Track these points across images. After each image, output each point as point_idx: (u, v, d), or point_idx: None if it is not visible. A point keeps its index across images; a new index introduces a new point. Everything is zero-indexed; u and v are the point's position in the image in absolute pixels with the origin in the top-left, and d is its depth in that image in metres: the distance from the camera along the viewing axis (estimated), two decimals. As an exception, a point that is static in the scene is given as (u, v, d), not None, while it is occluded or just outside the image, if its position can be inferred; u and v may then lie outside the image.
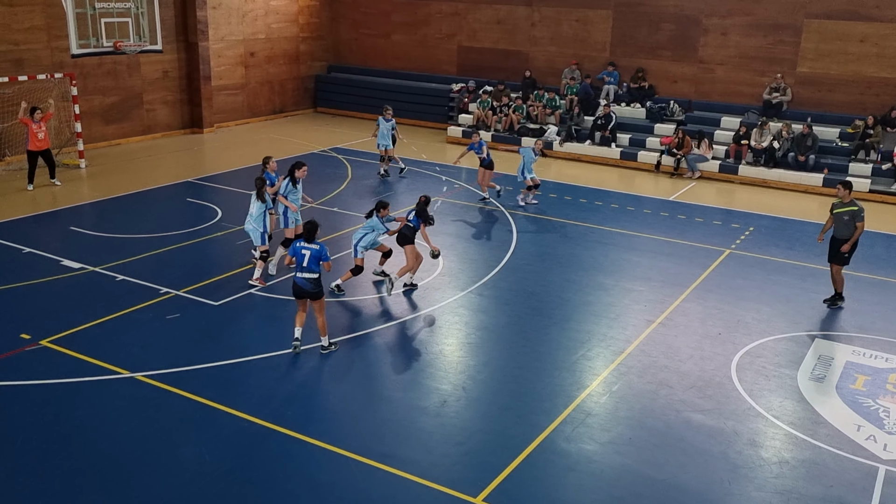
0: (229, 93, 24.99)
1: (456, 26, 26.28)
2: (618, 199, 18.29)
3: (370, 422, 8.79)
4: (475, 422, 8.89)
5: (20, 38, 19.14)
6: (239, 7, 24.81)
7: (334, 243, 14.36)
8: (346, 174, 19.57)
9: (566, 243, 14.92)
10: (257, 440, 8.32)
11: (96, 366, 9.66)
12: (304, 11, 27.27)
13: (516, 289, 12.73)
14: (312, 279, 9.99)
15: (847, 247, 12.00)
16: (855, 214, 11.95)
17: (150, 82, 22.58)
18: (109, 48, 17.30)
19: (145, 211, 16.07)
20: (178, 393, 9.13)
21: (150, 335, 10.58)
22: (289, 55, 27.03)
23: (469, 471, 7.95)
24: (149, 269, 12.74)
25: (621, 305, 12.15)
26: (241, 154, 21.19)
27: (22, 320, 10.81)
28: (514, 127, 23.32)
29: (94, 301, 11.53)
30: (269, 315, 11.37)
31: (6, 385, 9.17)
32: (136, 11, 17.75)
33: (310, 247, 9.99)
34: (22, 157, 18.94)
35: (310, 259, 9.94)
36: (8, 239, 13.91)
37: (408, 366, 10.12)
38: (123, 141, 22.03)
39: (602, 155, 21.92)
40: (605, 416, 9.08)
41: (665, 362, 10.35)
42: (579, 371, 10.09)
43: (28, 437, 8.23)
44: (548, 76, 24.65)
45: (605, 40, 23.86)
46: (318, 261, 9.98)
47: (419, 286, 12.56)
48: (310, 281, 9.98)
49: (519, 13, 25.02)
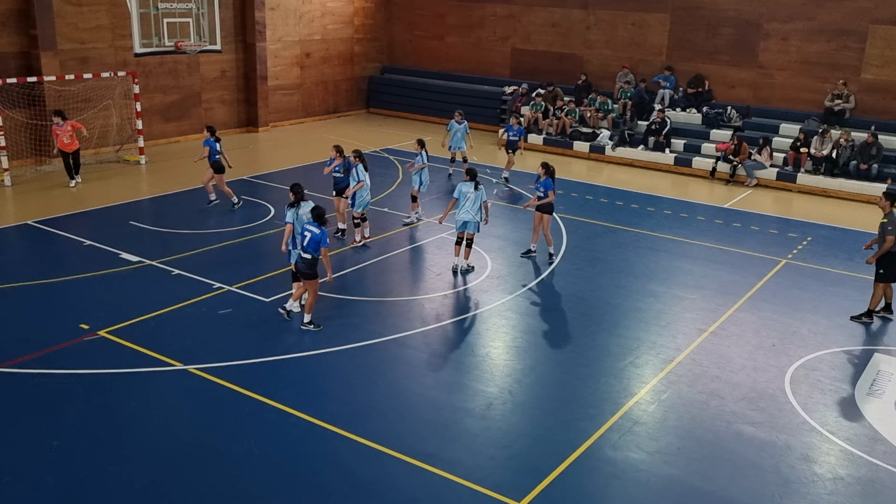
0: (284, 93, 25.37)
1: (510, 29, 26.24)
2: (670, 205, 18.03)
3: (415, 421, 8.82)
4: (520, 425, 8.85)
5: (86, 37, 19.72)
6: (296, 8, 25.17)
7: (385, 243, 14.48)
8: (396, 175, 19.68)
9: (616, 249, 14.75)
10: (304, 436, 8.42)
11: (151, 357, 9.90)
12: (359, 13, 27.53)
13: (565, 293, 12.64)
14: (308, 260, 10.36)
15: (871, 259, 11.70)
16: (885, 226, 11.60)
17: (209, 81, 23.05)
18: (171, 48, 17.73)
19: (201, 207, 16.40)
20: (228, 386, 9.30)
21: (202, 329, 10.80)
22: (343, 56, 27.32)
23: (513, 474, 7.92)
24: (203, 265, 13.00)
25: (672, 313, 11.97)
26: (294, 153, 21.50)
27: (82, 311, 11.13)
28: (567, 130, 23.17)
29: (150, 294, 11.81)
30: (318, 313, 11.48)
31: (66, 373, 9.45)
32: (197, 12, 18.15)
33: (313, 230, 10.25)
34: (86, 153, 19.63)
35: (310, 241, 10.26)
36: (70, 232, 14.34)
37: (454, 367, 10.12)
38: (182, 138, 22.53)
39: (655, 160, 21.64)
40: (653, 424, 8.95)
41: (716, 372, 10.16)
42: (627, 378, 9.97)
43: (85, 423, 8.47)
44: (602, 80, 24.43)
45: (661, 44, 23.55)
46: (317, 245, 10.25)
47: (469, 288, 12.58)
48: (305, 261, 10.36)
49: (574, 16, 24.86)
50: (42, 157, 18.78)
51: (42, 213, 15.36)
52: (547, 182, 13.48)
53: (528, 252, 14.09)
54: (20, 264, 13.37)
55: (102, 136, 20.06)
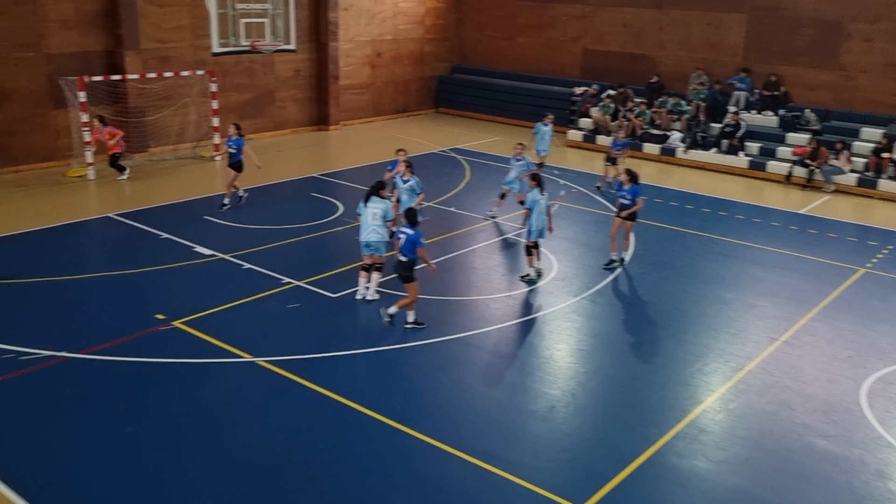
0: (355, 92, 25.72)
1: (581, 29, 26.01)
2: (743, 210, 17.59)
3: (477, 421, 8.85)
4: (583, 429, 8.79)
5: (167, 37, 20.39)
6: (369, 9, 25.50)
7: (449, 243, 14.54)
8: (463, 174, 19.74)
9: (686, 254, 14.48)
10: (368, 431, 8.54)
11: (222, 349, 10.19)
12: (430, 13, 27.71)
13: (631, 297, 12.48)
14: (404, 263, 10.48)
15: None
16: None
17: (283, 80, 23.55)
18: (247, 47, 18.20)
19: (272, 203, 16.78)
20: (295, 380, 9.49)
21: (271, 322, 11.05)
22: (414, 56, 27.54)
23: (575, 478, 7.87)
24: (273, 260, 13.30)
25: (742, 321, 11.69)
26: (364, 152, 21.79)
27: (158, 301, 11.53)
28: (637, 132, 22.84)
29: (222, 287, 12.15)
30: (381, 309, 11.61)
31: (142, 361, 9.81)
32: (273, 12, 18.58)
33: (407, 231, 10.47)
34: (165, 149, 20.36)
35: (405, 242, 10.43)
36: (148, 225, 14.86)
37: (517, 368, 10.11)
38: (255, 136, 23.05)
39: (728, 164, 21.14)
40: (720, 433, 8.76)
41: (788, 383, 9.88)
42: (694, 385, 9.78)
43: (160, 410, 8.77)
44: (674, 81, 23.99)
45: (737, 45, 22.98)
46: (413, 245, 10.42)
47: (534, 289, 12.54)
48: (402, 264, 10.49)
49: (647, 16, 24.48)
50: (124, 153, 19.47)
51: (122, 207, 15.96)
52: (636, 189, 13.20)
53: (611, 263, 13.54)
54: (101, 255, 13.93)
55: (180, 132, 20.71)
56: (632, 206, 13.22)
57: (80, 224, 15.05)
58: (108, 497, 7.34)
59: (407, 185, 13.32)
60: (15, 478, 7.48)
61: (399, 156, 13.85)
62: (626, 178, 13.35)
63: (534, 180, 12.65)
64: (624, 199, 13.31)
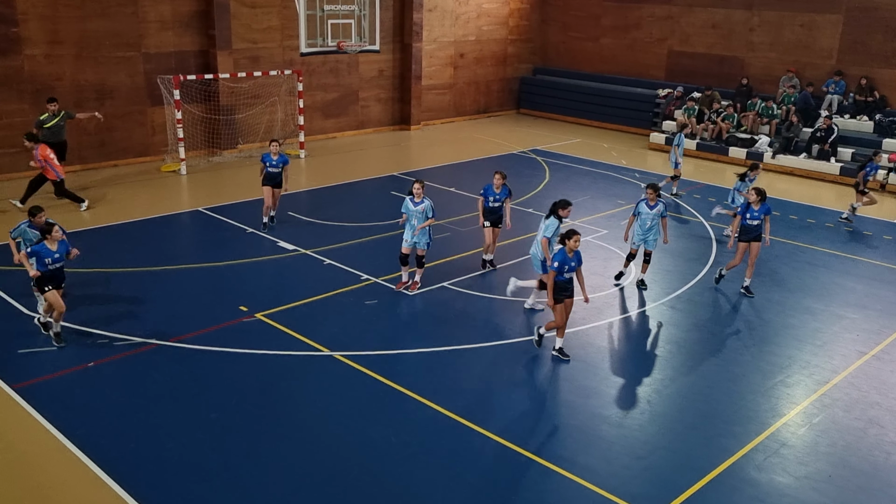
0: (437, 92, 25.94)
1: (668, 30, 25.52)
2: (833, 217, 16.95)
3: (550, 424, 8.83)
4: (658, 437, 8.66)
5: (258, 37, 21.02)
6: (453, 10, 25.67)
7: (525, 244, 14.50)
8: (543, 176, 19.67)
9: (770, 261, 14.06)
10: (441, 428, 8.63)
11: (301, 342, 10.47)
12: (514, 14, 27.68)
13: (712, 304, 12.21)
14: (559, 283, 10.03)
15: None
16: None
17: (367, 80, 23.95)
18: (333, 48, 18.60)
19: (353, 200, 17.11)
20: (371, 375, 9.68)
21: (349, 318, 11.28)
22: (496, 57, 27.57)
23: (649, 486, 7.77)
24: (352, 256, 13.57)
25: (829, 332, 11.28)
26: (444, 151, 21.95)
27: (242, 294, 11.93)
28: (723, 136, 22.27)
29: (303, 281, 12.48)
30: (460, 310, 11.71)
31: (225, 351, 10.18)
32: (360, 14, 18.94)
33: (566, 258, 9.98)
34: (252, 146, 20.98)
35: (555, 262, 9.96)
36: (235, 219, 15.37)
37: (592, 372, 10.03)
38: (339, 134, 23.55)
39: (818, 170, 20.40)
40: (802, 448, 8.50)
41: (877, 398, 9.50)
42: (776, 398, 9.51)
43: (240, 400, 9.09)
44: (763, 83, 23.28)
45: (832, 47, 22.14)
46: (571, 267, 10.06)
47: (614, 293, 12.41)
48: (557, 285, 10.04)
49: (737, 17, 23.84)
50: (214, 149, 20.22)
51: (212, 201, 16.56)
52: (766, 207, 12.28)
53: (747, 290, 12.55)
54: (190, 247, 14.49)
55: (267, 130, 21.32)
56: (761, 227, 12.25)
57: (172, 217, 15.69)
58: (193, 479, 7.65)
59: (419, 209, 11.93)
60: (106, 457, 7.89)
61: (497, 178, 12.70)
62: (758, 198, 12.21)
63: (651, 189, 12.41)
64: (754, 220, 12.22)
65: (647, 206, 12.43)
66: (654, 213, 12.38)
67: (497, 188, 12.70)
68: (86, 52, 18.15)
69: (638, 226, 12.51)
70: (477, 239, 14.30)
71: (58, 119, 16.23)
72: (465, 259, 13.61)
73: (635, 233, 12.59)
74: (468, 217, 15.74)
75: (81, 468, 7.74)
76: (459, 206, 16.60)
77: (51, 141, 15.82)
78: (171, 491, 7.45)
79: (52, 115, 16.17)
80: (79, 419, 8.53)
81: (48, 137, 15.90)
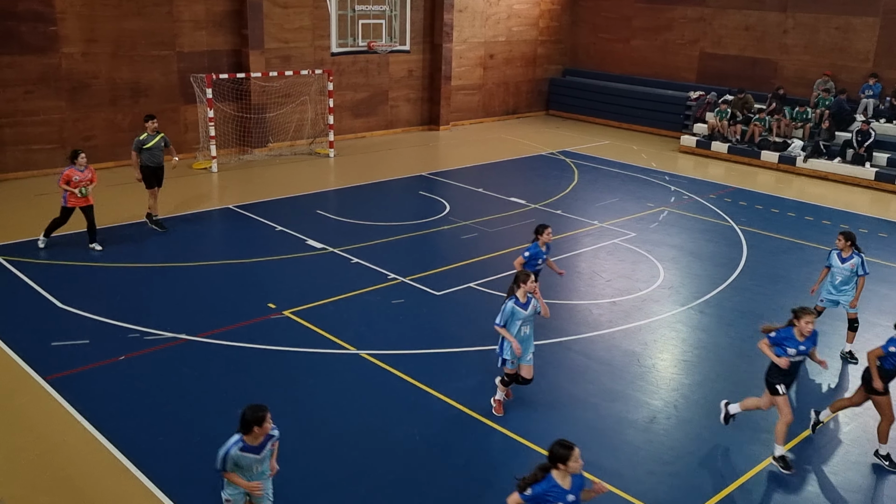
0: (466, 92, 25.95)
1: (699, 32, 25.29)
2: (868, 223, 16.67)
3: (575, 427, 8.79)
4: (685, 443, 8.59)
5: (290, 37, 21.19)
6: (483, 10, 25.66)
7: (554, 245, 14.45)
8: (572, 178, 19.59)
9: (802, 267, 13.87)
10: (464, 428, 8.64)
11: (328, 339, 10.54)
12: (544, 15, 27.60)
13: (741, 310, 12.08)
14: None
15: None
16: None
17: (396, 80, 24.03)
18: (363, 48, 18.70)
19: (381, 200, 17.19)
20: (396, 374, 9.72)
21: (376, 317, 11.34)
22: (526, 58, 27.51)
23: (675, 493, 7.71)
24: (380, 255, 13.63)
25: (861, 340, 11.09)
26: (473, 152, 21.96)
27: (270, 291, 12.04)
28: (755, 139, 22.01)
29: (330, 279, 12.56)
30: (487, 310, 11.66)
31: (253, 347, 10.28)
32: (390, 14, 19.03)
33: None
34: (282, 145, 21.16)
35: None
36: (264, 217, 15.52)
37: (618, 376, 9.97)
38: (368, 134, 23.66)
39: (853, 174, 20.08)
40: (832, 457, 8.39)
41: (909, 409, 9.32)
42: (805, 405, 9.37)
43: (267, 395, 9.14)
44: (797, 87, 22.98)
45: (868, 50, 21.80)
46: None
47: (640, 297, 12.33)
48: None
49: (770, 19, 23.56)
50: (245, 147, 20.42)
51: (242, 199, 16.72)
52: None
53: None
54: (220, 244, 14.65)
55: (298, 129, 21.49)
56: None
57: (204, 214, 15.88)
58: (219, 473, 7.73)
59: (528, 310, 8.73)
60: (134, 450, 8.01)
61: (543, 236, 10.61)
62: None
63: (846, 238, 10.40)
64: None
65: (838, 259, 10.45)
66: (845, 266, 10.43)
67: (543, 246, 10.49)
68: (121, 50, 18.43)
69: (829, 280, 10.70)
70: (504, 240, 14.32)
71: (158, 139, 14.14)
72: (492, 260, 13.60)
73: (825, 288, 10.75)
74: (496, 218, 15.74)
75: (111, 460, 7.87)
76: (487, 206, 16.61)
77: (150, 165, 14.13)
78: (198, 484, 7.54)
79: (151, 135, 14.08)
80: (109, 411, 8.67)
81: (147, 160, 14.08)
